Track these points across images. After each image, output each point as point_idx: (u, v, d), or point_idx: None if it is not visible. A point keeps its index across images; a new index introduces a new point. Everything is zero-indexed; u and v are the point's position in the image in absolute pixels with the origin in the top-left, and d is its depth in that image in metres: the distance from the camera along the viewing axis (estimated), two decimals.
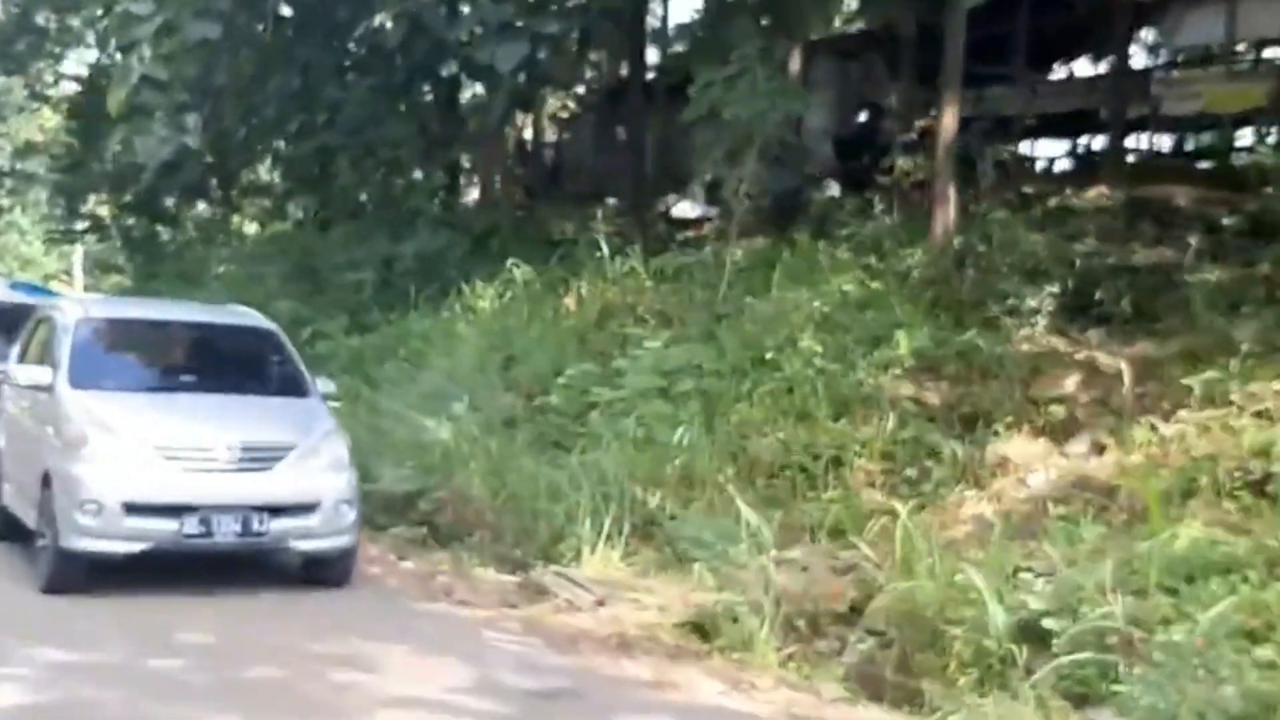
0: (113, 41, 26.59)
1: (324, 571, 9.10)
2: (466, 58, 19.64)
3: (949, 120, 14.32)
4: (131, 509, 8.30)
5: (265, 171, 30.05)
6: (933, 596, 7.12)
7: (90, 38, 31.38)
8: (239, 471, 8.56)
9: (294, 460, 8.75)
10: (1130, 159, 19.98)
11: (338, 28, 20.15)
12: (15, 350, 11.13)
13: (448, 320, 15.74)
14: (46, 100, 34.45)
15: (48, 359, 9.52)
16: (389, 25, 20.96)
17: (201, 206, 32.03)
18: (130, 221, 31.30)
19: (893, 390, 10.89)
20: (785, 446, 10.42)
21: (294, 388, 9.64)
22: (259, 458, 8.64)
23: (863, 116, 22.01)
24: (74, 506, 8.27)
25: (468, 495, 11.16)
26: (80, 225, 32.95)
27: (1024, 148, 22.87)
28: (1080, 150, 23.19)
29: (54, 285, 38.89)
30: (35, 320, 10.68)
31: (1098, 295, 11.88)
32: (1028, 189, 17.15)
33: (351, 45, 21.42)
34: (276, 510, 8.59)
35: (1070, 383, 10.71)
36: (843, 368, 11.11)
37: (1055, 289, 11.89)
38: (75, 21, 31.34)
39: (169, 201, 30.52)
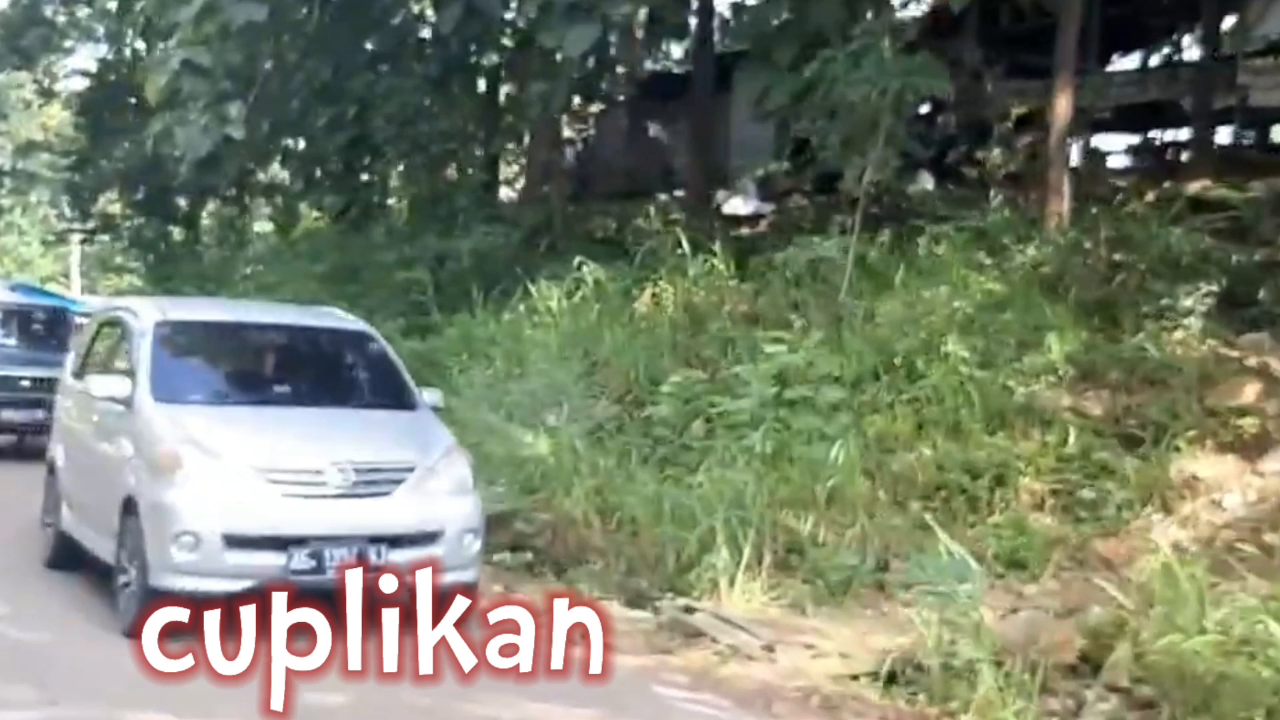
0: (130, 32, 25.57)
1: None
2: (519, 44, 18.64)
3: (1062, 107, 13.27)
4: (232, 541, 7.15)
5: (278, 168, 28.89)
6: (1204, 647, 6.01)
7: (100, 31, 30.25)
8: (353, 497, 7.42)
9: (413, 483, 7.60)
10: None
11: (377, 15, 19.07)
12: (70, 358, 10.03)
13: (513, 322, 14.65)
14: (54, 95, 33.19)
15: (119, 368, 8.38)
16: (430, 13, 19.98)
17: (213, 205, 30.99)
18: (140, 221, 30.18)
19: (1049, 400, 9.82)
20: (938, 464, 9.34)
21: (400, 399, 8.48)
22: (375, 480, 7.50)
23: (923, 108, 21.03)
24: (166, 539, 7.11)
25: (573, 517, 10.06)
26: (90, 225, 31.73)
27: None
28: (1156, 144, 22.08)
29: (50, 288, 37.74)
30: (97, 323, 9.53)
31: (1260, 295, 10.85)
32: (1119, 182, 16.20)
33: (388, 35, 20.38)
34: (395, 541, 7.44)
35: (1250, 392, 9.66)
36: (990, 375, 10.03)
37: (1212, 288, 10.83)
38: (85, 13, 30.18)
39: (182, 200, 29.46)
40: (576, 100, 22.79)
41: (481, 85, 22.03)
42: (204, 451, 7.32)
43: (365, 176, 24.05)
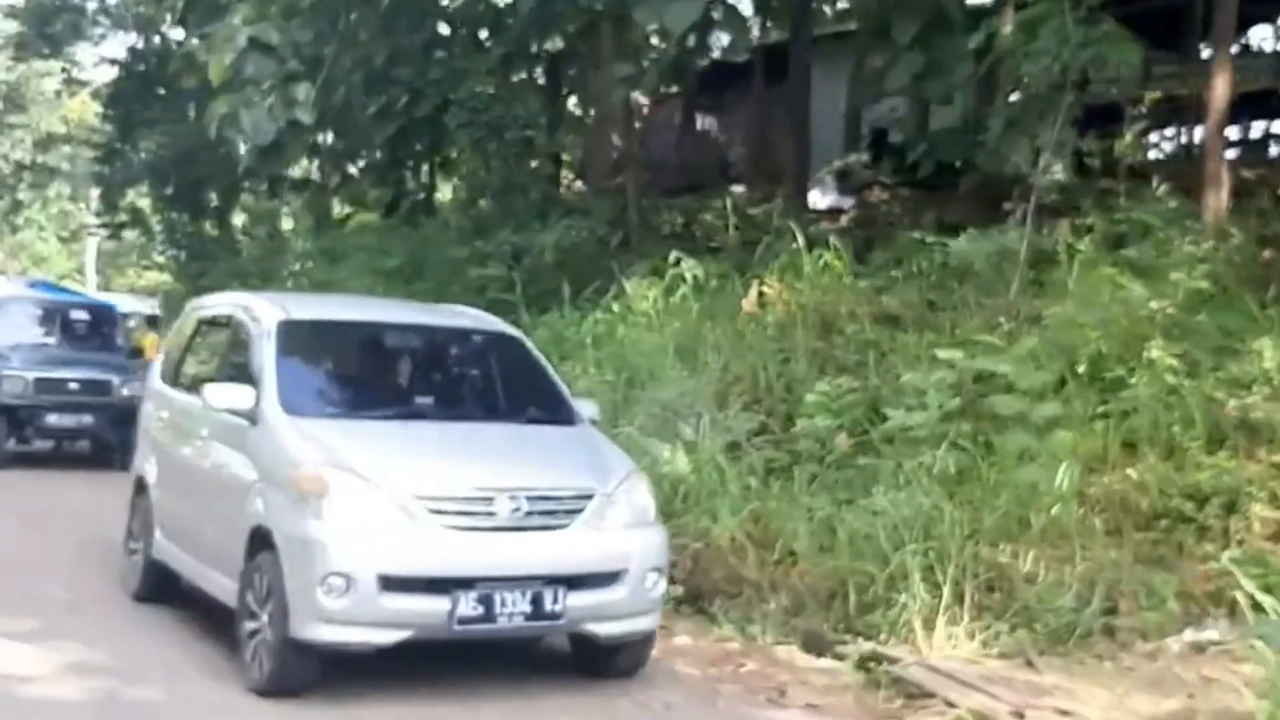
0: (168, 17, 24.45)
1: (614, 658, 6.79)
2: (583, 28, 17.52)
3: (1220, 90, 12.05)
4: (390, 584, 5.99)
5: (306, 161, 27.75)
6: None
7: (131, 19, 29.16)
8: (526, 530, 6.26)
9: (592, 514, 6.44)
10: None
11: None
12: (157, 363, 8.87)
13: (604, 322, 13.50)
14: (81, 85, 32.10)
15: (229, 374, 7.22)
16: None
17: (245, 200, 29.96)
18: (172, 215, 29.09)
19: (1269, 414, 8.63)
20: (1159, 488, 8.16)
21: (558, 412, 7.31)
22: (551, 510, 6.33)
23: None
24: (312, 582, 5.94)
25: (719, 544, 8.90)
26: (118, 219, 30.61)
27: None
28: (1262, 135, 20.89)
29: (65, 284, 36.73)
30: (194, 323, 8.37)
31: None
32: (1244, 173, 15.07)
33: (450, 18, 19.30)
34: (574, 582, 6.29)
35: None
36: (1195, 384, 8.86)
37: None
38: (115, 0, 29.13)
39: (213, 195, 28.41)
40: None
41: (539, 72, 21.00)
42: (354, 476, 6.14)
43: (410, 169, 23.01)
